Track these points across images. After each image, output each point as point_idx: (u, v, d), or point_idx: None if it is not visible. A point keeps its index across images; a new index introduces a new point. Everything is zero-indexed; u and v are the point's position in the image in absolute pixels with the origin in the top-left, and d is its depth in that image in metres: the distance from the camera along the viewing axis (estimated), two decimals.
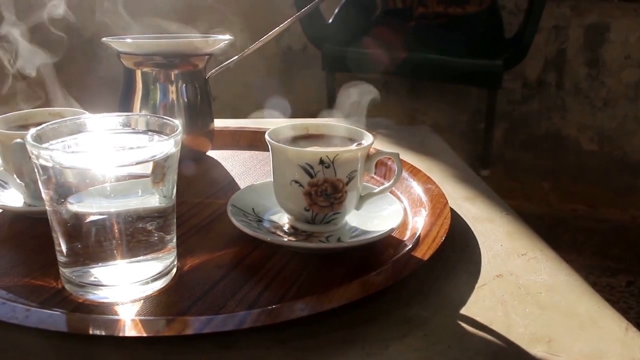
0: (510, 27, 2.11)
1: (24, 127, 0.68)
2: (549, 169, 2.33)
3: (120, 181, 0.47)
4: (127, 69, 0.79)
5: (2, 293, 0.51)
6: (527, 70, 2.27)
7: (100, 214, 0.48)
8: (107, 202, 0.47)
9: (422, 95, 2.35)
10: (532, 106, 2.32)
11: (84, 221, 0.48)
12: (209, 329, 0.44)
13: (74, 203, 0.47)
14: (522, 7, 2.17)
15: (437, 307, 0.51)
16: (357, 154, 0.58)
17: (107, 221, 0.48)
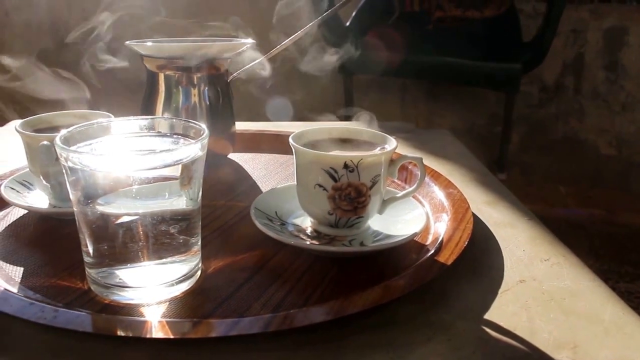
0: (528, 31, 2.10)
1: (50, 129, 0.69)
2: (567, 173, 2.32)
3: (148, 184, 0.47)
4: (150, 72, 0.79)
5: (30, 293, 0.52)
6: (544, 74, 2.26)
7: (128, 215, 0.48)
8: (134, 204, 0.48)
9: (439, 98, 2.34)
10: (550, 110, 2.31)
11: (111, 223, 0.48)
12: (235, 331, 0.45)
13: (102, 204, 0.48)
14: (540, 10, 2.16)
15: (460, 312, 0.51)
16: (380, 158, 0.58)
17: (134, 223, 0.48)
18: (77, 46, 0.90)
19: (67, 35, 0.94)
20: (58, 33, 2.34)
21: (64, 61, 0.88)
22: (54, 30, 2.35)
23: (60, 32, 2.35)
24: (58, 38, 2.34)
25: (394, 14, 1.99)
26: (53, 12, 2.35)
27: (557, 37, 2.05)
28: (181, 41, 0.81)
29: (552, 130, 2.33)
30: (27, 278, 0.55)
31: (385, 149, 0.61)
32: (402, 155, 0.62)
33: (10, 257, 0.59)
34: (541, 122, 2.33)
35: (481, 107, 2.33)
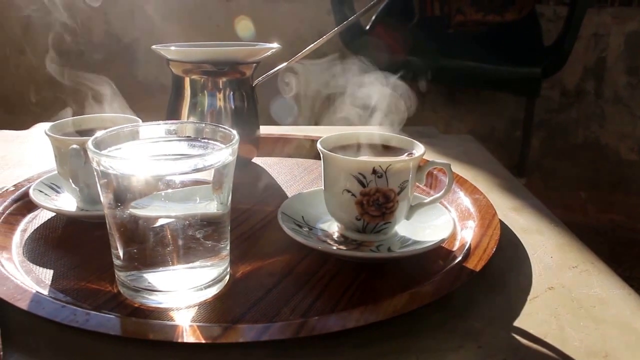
0: (548, 35, 2.09)
1: (78, 132, 0.70)
2: (587, 179, 2.30)
3: (179, 188, 0.48)
4: (176, 76, 0.80)
5: (60, 296, 0.52)
6: (565, 79, 2.24)
7: (159, 219, 0.49)
8: (166, 208, 0.48)
9: (458, 102, 2.34)
10: (570, 115, 2.30)
11: (142, 226, 0.49)
12: (266, 336, 0.45)
13: (133, 208, 0.48)
14: (561, 14, 2.14)
15: (490, 319, 0.51)
16: (409, 164, 0.58)
17: (165, 227, 0.49)
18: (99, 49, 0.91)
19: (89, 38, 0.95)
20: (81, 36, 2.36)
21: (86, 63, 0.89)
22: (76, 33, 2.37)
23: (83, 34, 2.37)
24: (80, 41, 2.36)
25: (414, 18, 1.99)
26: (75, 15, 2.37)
27: (578, 41, 2.04)
28: (207, 45, 0.82)
29: (573, 135, 2.31)
30: (57, 280, 0.56)
31: (413, 155, 0.61)
32: (430, 161, 0.62)
33: (39, 259, 0.60)
34: (561, 126, 2.31)
35: (501, 112, 2.32)
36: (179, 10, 2.28)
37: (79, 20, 2.35)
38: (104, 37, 2.39)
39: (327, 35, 0.82)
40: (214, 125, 0.54)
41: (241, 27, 2.13)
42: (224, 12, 2.32)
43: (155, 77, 2.25)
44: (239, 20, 2.15)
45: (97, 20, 2.38)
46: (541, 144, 2.33)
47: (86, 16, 2.36)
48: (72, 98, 0.86)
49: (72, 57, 2.31)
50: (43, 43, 0.85)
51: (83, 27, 2.37)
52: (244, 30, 2.10)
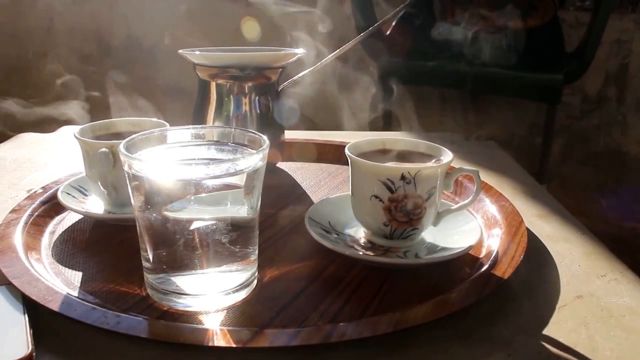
0: (570, 41, 2.07)
1: (106, 136, 0.70)
2: (608, 186, 2.28)
3: (210, 192, 0.48)
4: (202, 81, 0.80)
5: (90, 298, 0.53)
6: (587, 85, 2.23)
7: (189, 223, 0.49)
8: (197, 212, 0.49)
9: (478, 108, 2.32)
10: (592, 121, 2.28)
11: (172, 229, 0.49)
12: (296, 341, 0.45)
13: (163, 211, 0.49)
14: (583, 20, 2.13)
15: (518, 327, 0.50)
16: (437, 170, 0.58)
17: (195, 231, 0.49)
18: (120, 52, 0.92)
19: (110, 41, 0.96)
20: (102, 40, 2.38)
21: (107, 67, 0.90)
22: (98, 36, 2.39)
23: (105, 38, 2.39)
24: (102, 44, 2.38)
25: (435, 24, 1.98)
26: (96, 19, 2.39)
27: (601, 47, 2.02)
28: (233, 50, 0.82)
29: (594, 141, 2.29)
30: (85, 282, 0.56)
31: (441, 161, 0.60)
32: (458, 167, 0.62)
33: (68, 261, 0.60)
34: (582, 133, 2.29)
35: (521, 118, 2.30)
36: (199, 15, 2.29)
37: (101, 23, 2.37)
38: (125, 40, 2.40)
39: (351, 42, 0.82)
40: (243, 130, 0.54)
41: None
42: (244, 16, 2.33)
43: (175, 81, 2.26)
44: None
45: (119, 24, 2.39)
46: (561, 150, 2.31)
47: (107, 20, 2.38)
48: (93, 101, 0.87)
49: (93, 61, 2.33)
50: (65, 47, 0.86)
51: (104, 31, 2.39)
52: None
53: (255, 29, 2.08)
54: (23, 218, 0.66)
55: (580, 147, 2.32)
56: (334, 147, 0.94)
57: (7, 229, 0.63)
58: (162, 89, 2.53)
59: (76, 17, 2.39)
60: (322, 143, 0.95)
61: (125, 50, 2.40)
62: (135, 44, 2.41)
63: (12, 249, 0.59)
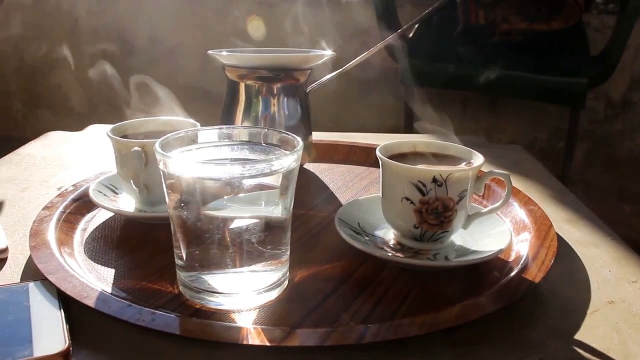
0: (595, 45, 2.06)
1: (137, 135, 0.71)
2: (632, 192, 2.26)
3: (245, 192, 0.48)
4: (231, 81, 0.81)
5: (123, 294, 0.53)
6: (611, 89, 2.20)
7: (223, 222, 0.49)
8: (231, 212, 0.49)
9: (501, 111, 2.31)
10: (616, 126, 2.26)
11: (205, 228, 0.50)
12: (330, 341, 0.45)
13: (198, 210, 0.49)
14: (609, 24, 2.11)
15: (550, 332, 0.50)
16: (468, 173, 0.58)
17: (229, 230, 0.49)
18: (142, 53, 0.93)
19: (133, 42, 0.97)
20: (125, 40, 2.40)
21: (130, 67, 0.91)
22: (121, 37, 2.41)
23: (128, 38, 2.41)
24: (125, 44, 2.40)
25: (458, 26, 1.98)
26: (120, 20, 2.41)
27: (626, 51, 1.99)
28: (262, 51, 0.82)
29: (618, 147, 2.27)
30: (118, 280, 0.57)
31: (472, 164, 0.61)
32: (489, 171, 0.62)
33: (100, 258, 0.61)
34: (606, 138, 2.27)
35: (544, 122, 2.29)
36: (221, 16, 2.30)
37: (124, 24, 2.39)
38: (148, 41, 2.42)
39: (377, 45, 0.83)
40: (276, 131, 0.55)
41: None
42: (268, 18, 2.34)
43: (197, 81, 2.27)
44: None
45: (142, 25, 2.41)
46: (585, 155, 2.29)
47: (131, 20, 2.40)
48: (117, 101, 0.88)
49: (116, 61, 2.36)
50: (88, 47, 0.87)
51: (127, 31, 2.41)
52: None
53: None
54: (55, 215, 0.67)
55: (604, 152, 2.30)
56: (361, 149, 0.94)
57: (40, 226, 0.64)
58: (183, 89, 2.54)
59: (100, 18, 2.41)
60: (349, 145, 0.95)
61: (147, 51, 2.42)
62: (158, 45, 2.43)
63: (46, 245, 0.60)
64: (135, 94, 0.84)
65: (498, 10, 1.90)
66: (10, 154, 0.98)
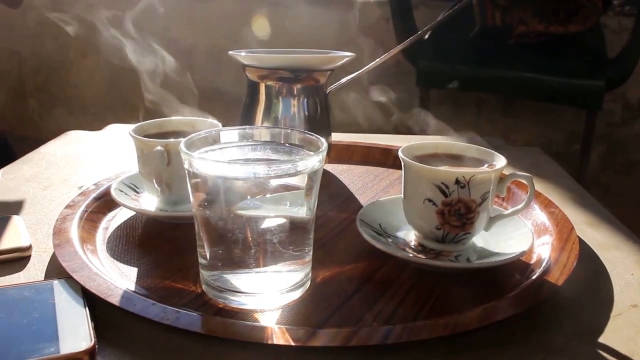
0: (612, 47, 2.04)
1: (159, 135, 0.72)
2: None
3: (270, 192, 0.49)
4: (251, 82, 0.81)
5: (147, 293, 0.54)
6: (628, 92, 2.19)
7: (248, 222, 0.49)
8: (256, 212, 0.49)
9: (516, 113, 2.30)
10: (633, 129, 2.24)
11: (230, 228, 0.50)
12: (354, 341, 0.45)
13: (222, 209, 0.49)
14: (626, 26, 2.10)
15: (573, 335, 0.50)
16: (491, 175, 0.58)
17: (253, 230, 0.50)
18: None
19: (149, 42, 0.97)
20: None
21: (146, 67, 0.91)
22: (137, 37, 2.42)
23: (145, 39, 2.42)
24: None
25: (475, 28, 1.97)
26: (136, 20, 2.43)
27: None
28: (283, 52, 0.83)
29: (635, 150, 2.25)
30: (141, 278, 0.58)
31: (494, 166, 0.60)
32: (511, 173, 0.62)
33: (122, 257, 0.62)
34: (622, 141, 2.25)
35: (559, 124, 2.28)
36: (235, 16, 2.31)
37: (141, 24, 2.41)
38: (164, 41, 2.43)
39: (396, 48, 0.83)
40: (299, 131, 0.55)
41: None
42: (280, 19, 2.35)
43: (211, 81, 2.28)
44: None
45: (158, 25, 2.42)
46: (601, 158, 2.28)
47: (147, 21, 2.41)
48: (133, 101, 0.89)
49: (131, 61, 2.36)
50: (104, 47, 0.87)
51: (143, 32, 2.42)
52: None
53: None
54: (77, 214, 0.68)
55: (620, 155, 2.28)
56: (380, 150, 0.94)
57: (63, 224, 0.65)
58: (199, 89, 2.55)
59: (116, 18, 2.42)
60: (368, 146, 0.95)
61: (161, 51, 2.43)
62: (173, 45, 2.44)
63: (69, 243, 0.60)
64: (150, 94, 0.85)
65: (515, 12, 1.89)
66: (31, 152, 0.99)
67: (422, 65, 2.00)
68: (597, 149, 2.25)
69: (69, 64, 2.57)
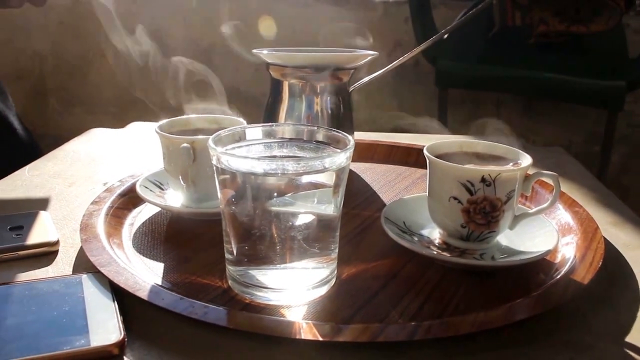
0: (634, 47, 2.03)
1: (184, 132, 0.72)
2: None
3: (298, 189, 0.49)
4: (275, 80, 0.81)
5: (174, 288, 0.54)
6: None
7: (276, 218, 0.50)
8: (284, 208, 0.49)
9: (536, 114, 2.29)
10: None
11: (257, 224, 0.50)
12: (382, 337, 0.46)
13: (250, 205, 0.50)
14: None
15: (600, 334, 0.50)
16: (517, 173, 0.58)
17: (281, 227, 0.50)
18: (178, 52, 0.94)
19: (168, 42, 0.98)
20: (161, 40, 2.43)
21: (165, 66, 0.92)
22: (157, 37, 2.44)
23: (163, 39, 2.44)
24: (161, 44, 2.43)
25: (494, 28, 1.97)
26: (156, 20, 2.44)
27: None
28: (306, 50, 0.83)
29: None
30: (168, 274, 0.58)
31: (519, 165, 0.60)
32: (537, 172, 0.61)
33: (149, 252, 0.62)
34: None
35: (579, 125, 2.26)
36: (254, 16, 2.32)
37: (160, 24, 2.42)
38: (183, 41, 2.44)
39: (419, 47, 0.83)
40: (326, 129, 0.55)
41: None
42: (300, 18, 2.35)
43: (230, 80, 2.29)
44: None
45: (178, 25, 2.44)
46: (621, 159, 2.26)
47: (167, 21, 2.43)
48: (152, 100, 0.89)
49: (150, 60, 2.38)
50: (123, 47, 0.88)
51: (163, 32, 2.44)
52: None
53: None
54: (103, 210, 0.69)
55: None
56: (402, 148, 0.94)
57: (90, 220, 0.65)
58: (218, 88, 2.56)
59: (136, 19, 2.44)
60: (390, 145, 0.95)
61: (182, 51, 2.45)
62: (193, 45, 2.45)
63: (97, 238, 0.61)
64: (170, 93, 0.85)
65: (535, 11, 1.88)
66: (55, 150, 1.00)
67: (441, 65, 2.00)
68: (618, 150, 2.23)
69: (89, 63, 2.60)
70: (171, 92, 0.83)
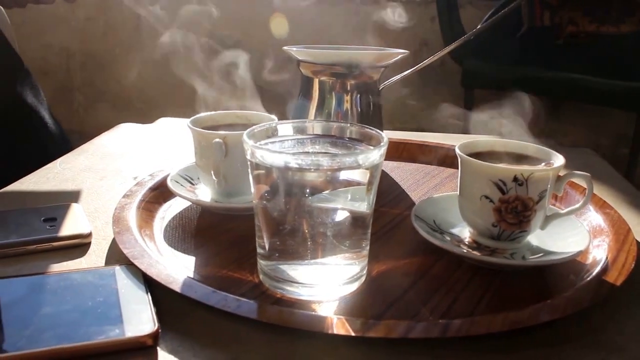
0: None
1: (214, 127, 0.73)
2: None
3: (332, 185, 0.49)
4: (305, 77, 0.82)
5: (205, 282, 0.55)
6: None
7: (309, 214, 0.50)
8: (317, 204, 0.50)
9: (562, 115, 2.27)
10: None
11: (290, 219, 0.50)
12: (414, 334, 0.46)
13: (283, 201, 0.50)
14: None
15: (632, 335, 0.50)
16: (549, 173, 0.58)
17: (314, 223, 0.50)
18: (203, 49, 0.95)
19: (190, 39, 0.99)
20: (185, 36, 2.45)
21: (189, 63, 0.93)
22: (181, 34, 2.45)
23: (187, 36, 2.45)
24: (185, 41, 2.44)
25: (522, 28, 1.96)
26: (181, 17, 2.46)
27: None
28: (337, 48, 0.83)
29: None
30: (199, 267, 0.59)
31: (552, 165, 0.60)
32: (569, 172, 0.61)
33: (180, 246, 0.63)
34: None
35: (607, 127, 2.24)
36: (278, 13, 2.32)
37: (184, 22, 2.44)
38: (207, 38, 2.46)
39: (448, 47, 0.83)
40: (359, 126, 0.55)
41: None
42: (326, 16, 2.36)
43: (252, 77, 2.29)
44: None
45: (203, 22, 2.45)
46: None
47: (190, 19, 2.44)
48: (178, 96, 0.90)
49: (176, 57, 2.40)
50: (150, 43, 0.89)
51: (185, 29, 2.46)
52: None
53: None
54: (135, 203, 0.69)
55: None
56: (430, 147, 0.94)
57: (122, 213, 0.66)
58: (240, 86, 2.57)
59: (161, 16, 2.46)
60: (419, 143, 0.95)
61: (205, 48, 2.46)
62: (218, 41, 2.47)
63: (129, 231, 0.62)
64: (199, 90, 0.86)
65: (564, 11, 1.87)
66: (86, 144, 1.01)
67: (468, 65, 1.99)
68: None
69: (115, 59, 2.63)
70: (199, 88, 0.84)
